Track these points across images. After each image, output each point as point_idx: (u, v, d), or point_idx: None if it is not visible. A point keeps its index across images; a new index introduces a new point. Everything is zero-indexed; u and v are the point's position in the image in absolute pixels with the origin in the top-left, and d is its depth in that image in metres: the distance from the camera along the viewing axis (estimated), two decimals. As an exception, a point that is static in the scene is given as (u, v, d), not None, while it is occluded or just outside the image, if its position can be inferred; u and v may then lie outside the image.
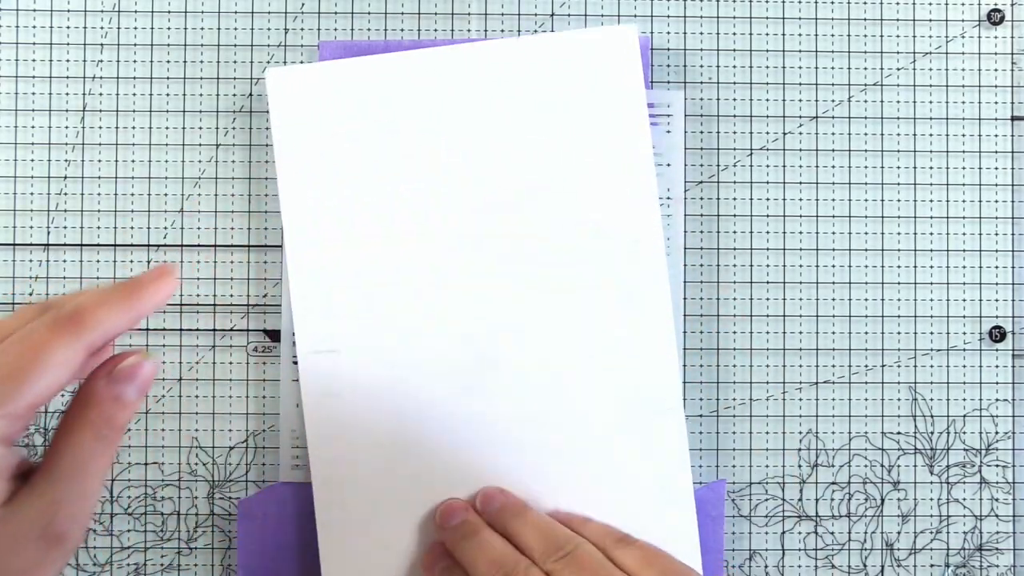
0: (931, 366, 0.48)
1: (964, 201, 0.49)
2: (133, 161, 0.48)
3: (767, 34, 0.49)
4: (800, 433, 0.48)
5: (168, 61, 0.48)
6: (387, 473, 0.35)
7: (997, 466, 0.48)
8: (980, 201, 0.48)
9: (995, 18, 0.49)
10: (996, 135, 0.49)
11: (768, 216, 0.48)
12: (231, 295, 0.48)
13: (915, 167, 0.49)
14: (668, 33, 0.48)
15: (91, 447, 0.32)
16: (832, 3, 0.48)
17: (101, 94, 0.48)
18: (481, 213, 0.35)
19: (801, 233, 0.48)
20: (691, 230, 0.48)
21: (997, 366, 0.48)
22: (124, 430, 0.33)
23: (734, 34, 0.49)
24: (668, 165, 0.47)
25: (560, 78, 0.36)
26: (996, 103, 0.49)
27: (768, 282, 0.48)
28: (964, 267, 0.48)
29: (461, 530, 0.40)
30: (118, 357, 0.33)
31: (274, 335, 0.48)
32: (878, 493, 0.48)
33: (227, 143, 0.48)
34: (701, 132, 0.48)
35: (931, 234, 0.48)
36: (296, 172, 0.36)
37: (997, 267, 0.48)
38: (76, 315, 0.31)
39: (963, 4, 0.49)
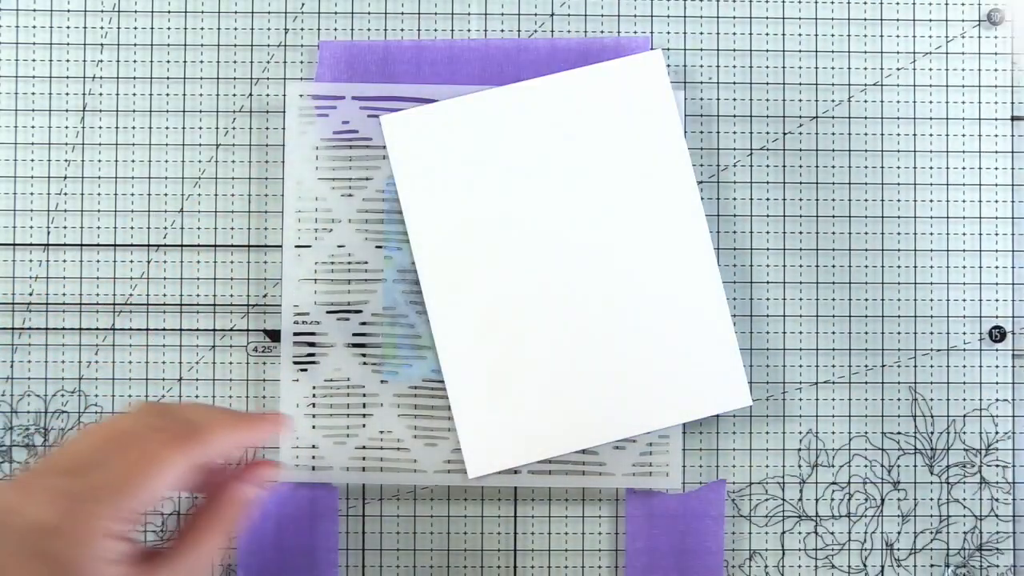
0: (931, 366, 0.48)
1: (964, 201, 0.48)
2: (133, 161, 0.48)
3: (767, 34, 0.49)
4: (800, 433, 0.48)
5: (168, 61, 0.48)
6: (506, 359, 0.46)
7: (997, 466, 0.48)
8: (980, 201, 0.48)
9: (995, 18, 0.49)
10: (996, 135, 0.49)
11: (768, 216, 0.48)
12: (231, 295, 0.48)
13: (915, 167, 0.48)
14: (668, 33, 0.48)
15: (221, 541, 0.37)
16: (832, 3, 0.48)
17: (101, 94, 0.48)
18: (560, 208, 0.47)
19: (801, 233, 0.48)
20: (691, 230, 0.48)
21: (997, 366, 0.48)
22: None
23: (734, 34, 0.49)
24: (668, 165, 0.48)
25: (608, 99, 0.47)
26: (996, 103, 0.49)
27: (768, 282, 0.48)
28: (964, 267, 0.48)
29: None
30: (251, 465, 0.39)
31: (274, 335, 0.48)
32: (878, 493, 0.48)
33: (227, 143, 0.48)
34: (701, 132, 0.48)
35: (931, 234, 0.48)
36: (413, 190, 0.47)
37: (997, 267, 0.48)
38: (194, 434, 0.34)
39: (963, 4, 0.49)
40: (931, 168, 0.48)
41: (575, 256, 0.47)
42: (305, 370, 0.47)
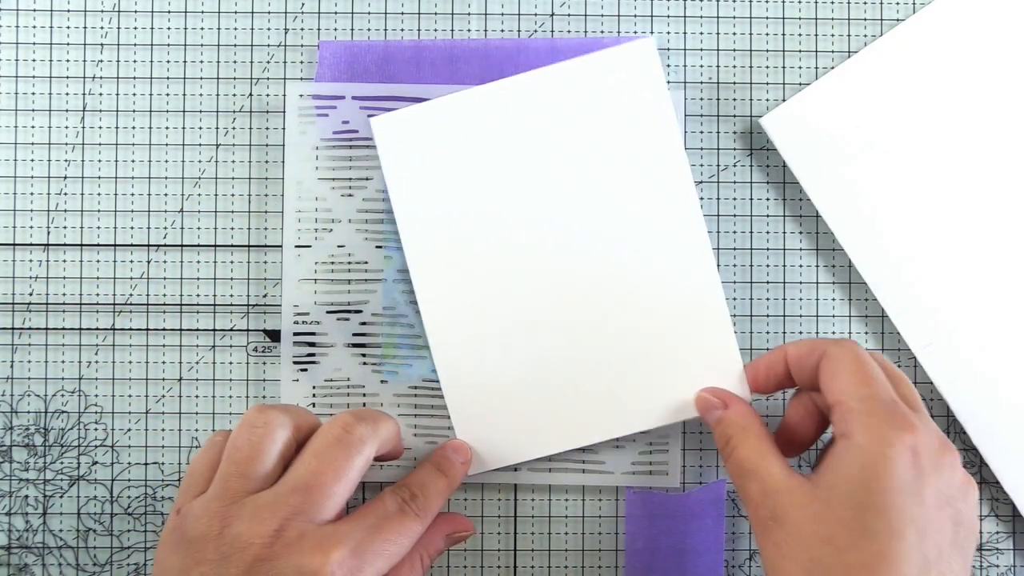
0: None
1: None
2: (133, 161, 0.48)
3: (767, 34, 0.49)
4: (800, 433, 0.48)
5: (168, 61, 0.48)
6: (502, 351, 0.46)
7: (997, 466, 0.48)
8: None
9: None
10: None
11: (768, 216, 0.48)
12: (231, 295, 0.48)
13: (915, 167, 0.48)
14: (668, 33, 0.48)
15: None
16: (832, 3, 0.48)
17: (101, 94, 0.48)
18: (554, 204, 0.46)
19: (801, 233, 0.48)
20: (691, 230, 0.48)
21: (997, 366, 0.48)
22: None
23: (734, 34, 0.49)
24: (668, 165, 0.48)
25: (601, 89, 0.46)
26: (996, 103, 0.49)
27: (768, 282, 0.48)
28: (964, 267, 0.48)
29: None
30: (449, 519, 0.45)
31: (274, 335, 0.48)
32: (878, 493, 0.48)
33: (227, 143, 0.48)
34: (701, 132, 0.48)
35: (931, 234, 0.48)
36: (404, 190, 0.46)
37: (997, 267, 0.48)
38: (426, 509, 0.41)
39: (963, 4, 0.49)
40: (931, 168, 0.48)
41: (570, 254, 0.46)
42: (305, 370, 0.47)
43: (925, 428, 0.38)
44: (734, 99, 0.48)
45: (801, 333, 0.48)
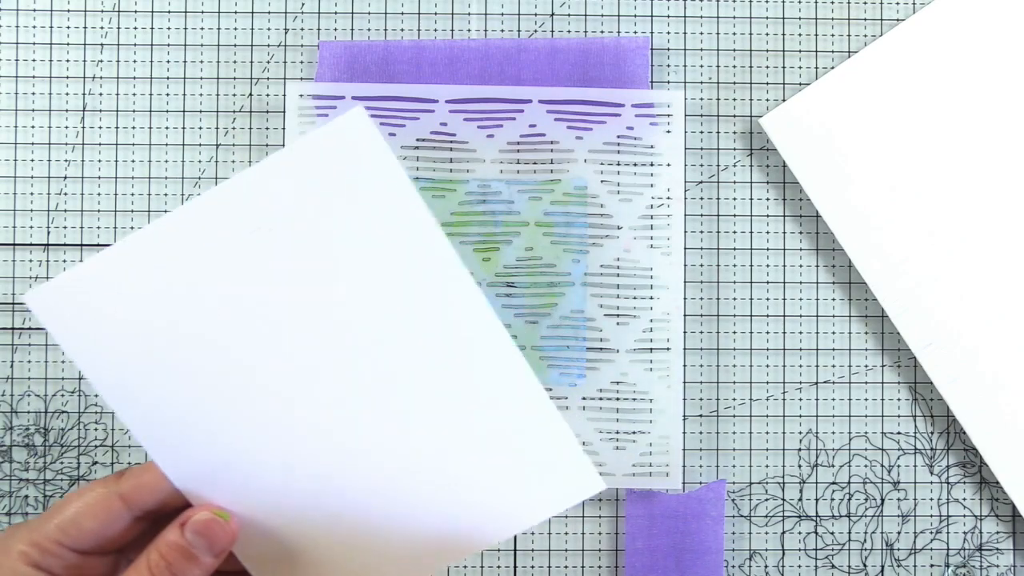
0: (931, 366, 0.48)
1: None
2: (133, 161, 0.48)
3: (767, 34, 0.49)
4: (800, 433, 0.48)
5: (168, 61, 0.48)
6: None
7: (997, 466, 0.48)
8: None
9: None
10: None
11: (768, 216, 0.48)
12: (231, 295, 0.48)
13: (915, 167, 0.49)
14: (668, 33, 0.48)
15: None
16: (832, 3, 0.48)
17: (101, 94, 0.48)
18: (303, 330, 0.36)
19: (801, 233, 0.48)
20: (691, 230, 0.48)
21: (997, 366, 0.48)
22: None
23: (734, 34, 0.49)
24: (668, 165, 0.47)
25: (317, 183, 0.36)
26: (996, 103, 0.49)
27: (768, 282, 0.48)
28: (964, 267, 0.48)
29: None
30: (194, 509, 0.34)
31: (274, 335, 0.48)
32: (878, 493, 0.48)
33: (227, 143, 0.48)
34: (701, 132, 0.48)
35: (931, 234, 0.48)
36: (103, 369, 0.35)
37: (997, 267, 0.48)
38: (122, 470, 0.34)
39: (963, 4, 0.49)
40: (931, 168, 0.49)
41: (337, 384, 0.36)
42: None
43: None
44: (734, 99, 0.48)
45: (801, 333, 0.48)
